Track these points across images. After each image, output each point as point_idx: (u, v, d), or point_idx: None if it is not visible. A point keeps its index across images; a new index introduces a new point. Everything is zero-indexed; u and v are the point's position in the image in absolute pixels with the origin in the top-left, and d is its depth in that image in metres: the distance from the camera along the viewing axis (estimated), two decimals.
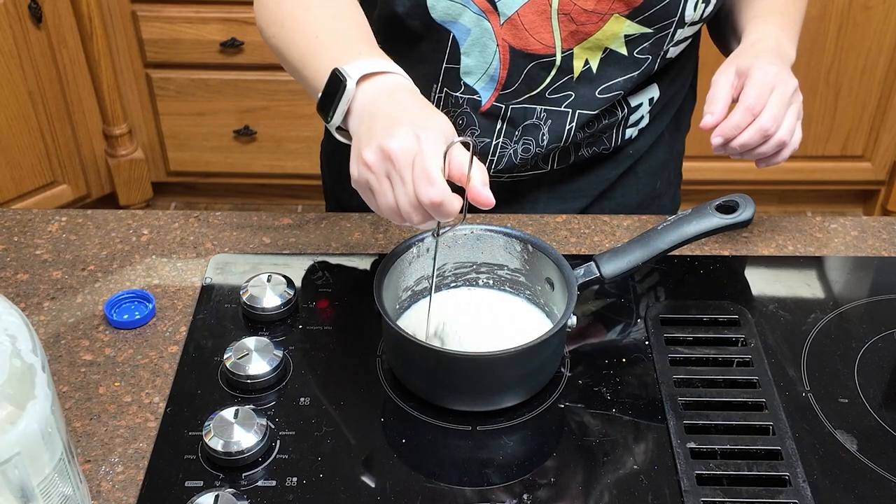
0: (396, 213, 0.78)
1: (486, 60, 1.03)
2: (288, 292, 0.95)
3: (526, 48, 1.01)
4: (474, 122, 1.08)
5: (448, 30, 1.01)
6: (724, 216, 0.92)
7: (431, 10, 0.99)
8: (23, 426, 0.63)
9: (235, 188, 2.64)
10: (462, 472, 0.81)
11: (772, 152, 0.96)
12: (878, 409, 0.88)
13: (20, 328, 0.66)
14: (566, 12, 0.99)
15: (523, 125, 1.07)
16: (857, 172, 2.51)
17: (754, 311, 0.98)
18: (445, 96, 1.07)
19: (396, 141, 0.77)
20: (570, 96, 1.05)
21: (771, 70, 0.95)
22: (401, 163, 0.76)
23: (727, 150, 0.96)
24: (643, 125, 1.14)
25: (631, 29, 1.01)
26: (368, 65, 0.84)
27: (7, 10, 2.12)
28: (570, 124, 1.07)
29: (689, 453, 0.82)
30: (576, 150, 1.11)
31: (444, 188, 0.75)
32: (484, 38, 1.01)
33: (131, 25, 2.29)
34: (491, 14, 0.99)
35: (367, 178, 0.79)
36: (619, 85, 1.05)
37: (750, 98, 0.93)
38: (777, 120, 0.94)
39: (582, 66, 1.03)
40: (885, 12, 2.24)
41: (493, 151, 1.09)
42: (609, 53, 1.03)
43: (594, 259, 0.91)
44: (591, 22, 1.00)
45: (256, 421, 0.81)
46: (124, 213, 1.11)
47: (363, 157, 0.78)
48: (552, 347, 0.86)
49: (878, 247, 1.08)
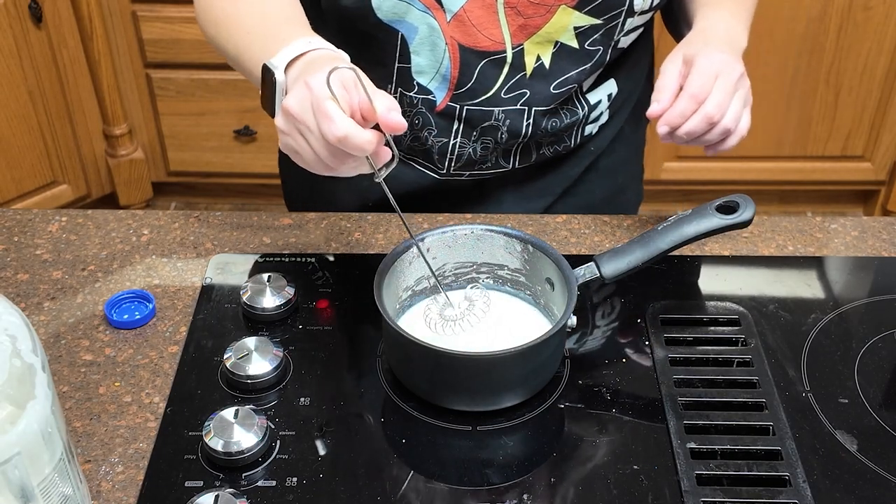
0: (322, 164, 0.81)
1: (436, 59, 1.02)
2: (288, 292, 0.95)
3: (475, 45, 1.01)
4: (430, 122, 1.07)
5: (396, 29, 1.01)
6: (725, 216, 0.92)
7: (377, 10, 0.99)
8: (23, 426, 0.63)
9: (235, 188, 2.63)
10: (462, 472, 0.81)
11: (717, 139, 0.97)
12: (878, 409, 0.88)
13: (20, 328, 0.66)
14: (513, 6, 0.99)
15: (481, 126, 1.07)
16: (858, 172, 2.51)
17: (754, 311, 0.98)
18: (401, 96, 1.07)
19: (292, 97, 0.80)
20: (525, 94, 1.05)
21: (716, 57, 0.95)
22: (300, 113, 0.79)
23: (673, 139, 0.96)
24: (603, 121, 1.14)
25: (580, 20, 1.01)
26: (291, 50, 0.86)
27: (7, 10, 2.12)
28: (528, 121, 1.07)
29: (689, 453, 0.82)
30: (537, 148, 1.12)
31: (345, 121, 0.76)
32: (433, 36, 1.00)
33: (131, 25, 2.29)
34: (437, 11, 0.98)
35: (286, 143, 0.83)
36: (573, 78, 1.05)
37: (694, 86, 0.94)
38: (722, 107, 0.94)
39: (534, 62, 1.03)
40: (885, 12, 2.24)
41: (452, 150, 1.09)
42: (560, 47, 1.03)
43: (594, 259, 0.91)
44: (539, 14, 0.99)
45: (256, 421, 0.81)
46: (124, 213, 1.11)
47: (277, 125, 0.83)
48: (552, 347, 0.86)
49: (878, 247, 1.08)
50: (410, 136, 1.09)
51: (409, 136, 1.09)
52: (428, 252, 0.93)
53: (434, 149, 1.09)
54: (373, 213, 1.11)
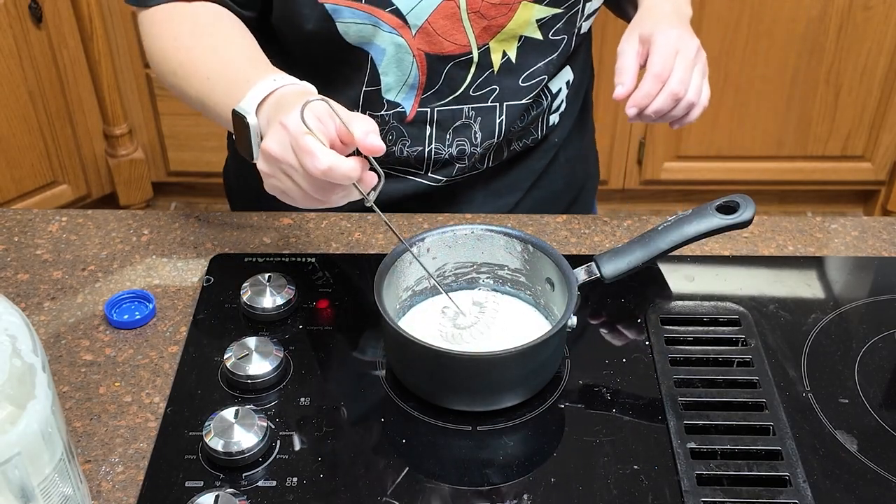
0: (311, 199, 0.82)
1: (404, 73, 1.02)
2: (288, 292, 0.95)
3: (441, 52, 1.01)
4: (403, 133, 1.07)
5: (366, 51, 1.00)
6: (725, 216, 0.92)
7: (345, 35, 0.98)
8: (23, 426, 0.63)
9: None
10: (462, 472, 0.81)
11: (683, 114, 0.99)
12: (879, 409, 0.88)
13: (20, 328, 0.66)
14: (475, 10, 0.99)
15: (454, 127, 1.07)
16: (858, 173, 2.51)
17: (754, 311, 0.98)
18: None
19: (270, 139, 0.81)
20: (495, 90, 1.05)
21: (672, 34, 0.97)
22: (281, 155, 0.80)
23: (642, 119, 0.98)
24: (563, 109, 1.15)
25: (541, 12, 1.01)
26: (258, 91, 0.85)
27: (7, 10, 2.12)
28: (501, 118, 1.07)
29: (690, 453, 0.82)
30: (508, 144, 1.12)
31: (326, 153, 0.77)
32: (399, 53, 1.00)
33: (131, 25, 2.29)
34: (402, 28, 0.98)
35: (272, 184, 0.83)
36: (541, 70, 1.06)
37: (656, 65, 0.96)
38: (684, 83, 0.96)
39: (500, 59, 1.03)
40: (885, 12, 2.24)
41: (429, 156, 1.09)
42: (525, 41, 1.03)
43: (594, 259, 0.91)
44: (501, 14, 1.00)
45: (256, 421, 0.81)
46: (124, 213, 1.11)
47: (259, 169, 0.83)
48: (552, 347, 0.86)
49: (878, 247, 1.08)
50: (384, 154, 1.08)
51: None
52: (428, 252, 0.93)
53: (411, 158, 1.09)
54: (373, 214, 1.11)
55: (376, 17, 0.97)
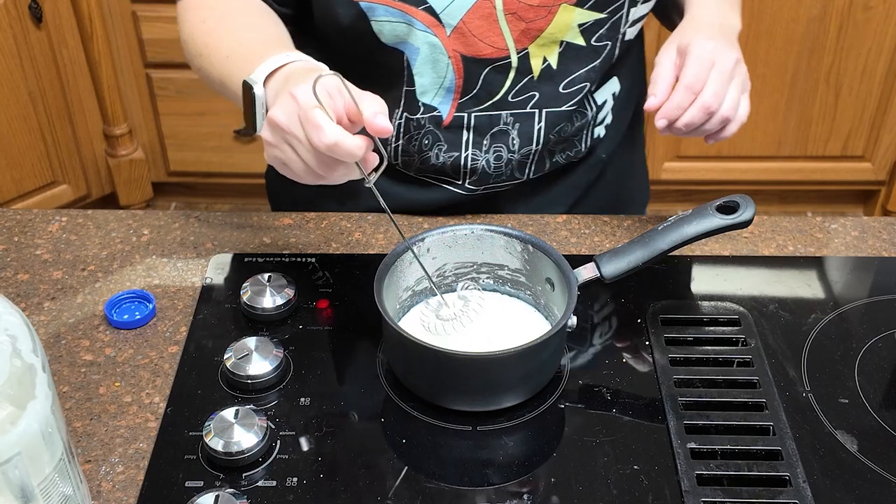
0: (312, 173, 0.81)
1: (439, 75, 1.01)
2: (288, 292, 0.95)
3: (478, 54, 0.99)
4: (439, 138, 1.06)
5: (401, 51, 1.00)
6: (725, 217, 0.92)
7: (379, 34, 0.98)
8: (23, 426, 0.63)
9: (235, 188, 2.63)
10: (462, 472, 0.81)
11: (717, 129, 0.96)
12: (878, 409, 0.88)
13: (20, 328, 0.66)
14: (512, 11, 0.97)
15: (491, 133, 1.05)
16: (858, 173, 2.51)
17: (754, 311, 0.98)
18: (406, 121, 1.05)
19: (278, 108, 0.80)
20: (535, 96, 1.04)
21: (709, 45, 0.94)
22: (287, 125, 0.79)
23: (672, 131, 0.95)
24: (609, 122, 1.13)
25: (583, 17, 0.99)
26: (269, 64, 0.86)
27: (7, 10, 2.12)
28: (539, 124, 1.05)
29: (690, 453, 0.82)
30: (550, 156, 1.10)
31: (334, 128, 0.76)
32: (434, 53, 0.99)
33: (131, 25, 2.29)
34: (436, 28, 0.97)
35: (274, 154, 0.83)
36: (583, 77, 1.04)
37: (689, 76, 0.93)
38: (719, 96, 0.93)
39: (541, 65, 1.02)
40: (885, 12, 2.24)
41: (465, 164, 1.07)
42: (566, 46, 1.01)
43: (594, 259, 0.91)
44: (540, 17, 0.98)
45: (256, 421, 0.81)
46: (124, 213, 1.11)
47: (262, 137, 0.83)
48: (552, 347, 0.86)
49: (878, 247, 1.08)
50: (420, 159, 1.08)
51: (419, 158, 1.08)
52: (428, 252, 0.93)
53: (447, 164, 1.08)
54: (373, 213, 1.11)
55: (410, 16, 0.96)
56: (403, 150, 1.08)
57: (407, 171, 1.11)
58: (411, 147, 1.07)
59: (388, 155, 1.08)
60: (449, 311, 0.90)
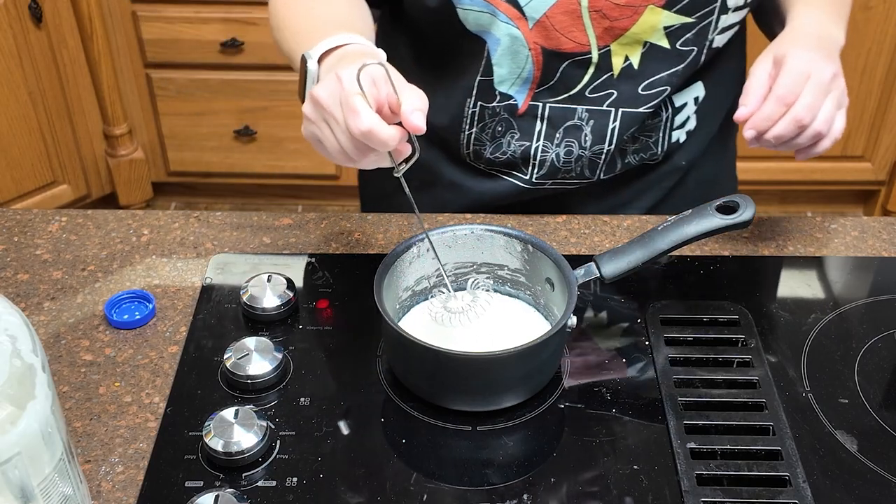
0: (344, 154, 0.82)
1: (518, 66, 1.01)
2: (288, 292, 0.95)
3: (559, 48, 0.99)
4: (513, 126, 1.06)
5: (483, 40, 1.00)
6: (725, 217, 0.92)
7: (464, 21, 0.99)
8: (23, 426, 0.63)
9: (235, 188, 2.64)
10: (462, 472, 0.81)
11: (808, 143, 0.93)
12: (878, 409, 0.88)
13: (20, 328, 0.66)
14: (597, 9, 0.97)
15: (564, 126, 1.05)
16: (858, 173, 2.51)
17: (754, 311, 0.98)
18: (480, 109, 1.06)
19: (322, 87, 0.81)
20: (612, 94, 1.03)
21: (806, 57, 0.91)
22: (329, 104, 0.80)
23: (761, 143, 0.92)
24: (690, 127, 1.10)
25: (670, 19, 0.98)
26: (328, 43, 0.87)
27: (7, 10, 2.12)
28: (614, 123, 1.04)
29: (689, 453, 0.82)
30: (622, 156, 1.08)
31: (370, 116, 0.77)
32: (515, 45, 1.00)
33: (131, 25, 2.29)
34: (519, 20, 0.98)
35: (311, 131, 0.84)
36: (664, 80, 1.02)
37: (782, 87, 0.90)
38: (812, 109, 0.90)
39: (622, 63, 1.01)
40: (885, 12, 2.24)
41: (535, 155, 1.07)
42: (650, 48, 1.00)
43: (594, 259, 0.91)
44: (625, 16, 0.97)
45: (256, 421, 0.81)
46: (124, 213, 1.11)
47: (304, 112, 0.84)
48: (552, 347, 0.86)
49: (878, 247, 1.08)
50: (492, 146, 1.08)
51: (491, 145, 1.08)
52: (428, 252, 0.93)
53: (517, 154, 1.08)
54: (373, 214, 1.11)
55: (494, 6, 0.97)
56: (476, 139, 1.09)
57: (476, 164, 1.12)
58: (484, 135, 1.08)
59: (462, 143, 1.10)
60: (457, 303, 0.90)
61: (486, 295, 0.91)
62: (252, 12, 2.27)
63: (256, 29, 2.29)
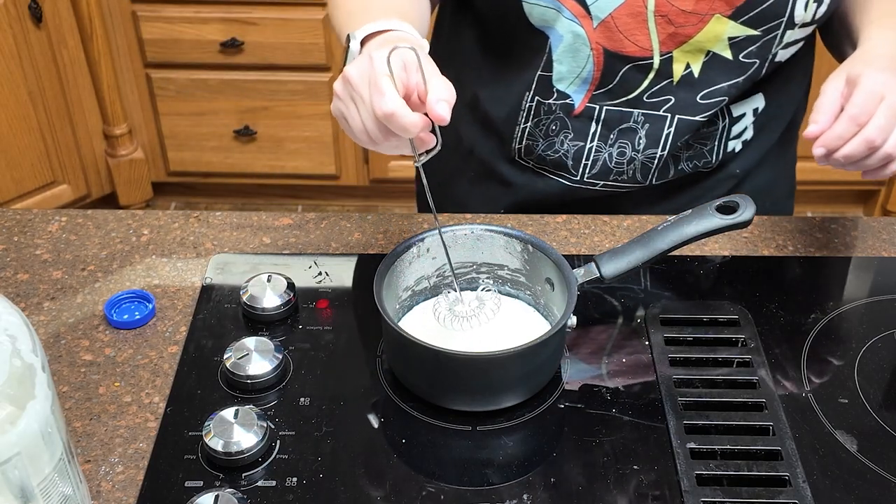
0: (366, 135, 0.83)
1: (578, 65, 1.01)
2: (288, 292, 0.95)
3: (621, 50, 0.99)
4: (567, 125, 1.06)
5: (546, 35, 1.01)
6: (725, 217, 0.92)
7: (529, 15, 0.99)
8: (23, 426, 0.63)
9: (235, 188, 2.64)
10: (462, 472, 0.81)
11: (878, 165, 0.91)
12: (878, 409, 0.88)
13: (20, 328, 0.66)
14: (663, 14, 0.96)
15: (619, 128, 1.05)
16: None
17: (754, 311, 0.98)
18: (537, 105, 1.06)
19: (353, 66, 0.82)
20: (670, 100, 1.03)
21: (880, 78, 0.89)
22: (357, 83, 0.81)
23: (830, 162, 0.91)
24: (747, 137, 1.10)
25: (735, 30, 0.98)
26: (374, 26, 0.88)
27: (7, 10, 2.12)
28: (669, 129, 1.04)
29: (689, 453, 0.82)
30: (675, 162, 1.08)
31: (396, 99, 0.77)
32: (577, 43, 1.00)
33: (131, 25, 2.29)
34: (584, 18, 0.98)
35: (338, 107, 0.85)
36: (723, 90, 1.02)
37: (855, 107, 0.88)
38: (884, 131, 0.88)
39: (683, 70, 1.01)
40: None
41: (587, 155, 1.07)
42: (712, 57, 1.00)
43: (594, 259, 0.91)
44: (691, 24, 0.97)
45: (256, 421, 0.81)
46: (124, 213, 1.11)
47: (334, 89, 0.85)
48: (552, 347, 0.86)
49: (878, 247, 1.08)
50: (545, 144, 1.08)
51: (543, 143, 1.08)
52: (428, 252, 0.93)
53: (569, 154, 1.08)
54: (373, 214, 1.11)
55: (560, 3, 0.97)
56: (529, 134, 1.09)
57: (526, 161, 1.12)
58: (538, 131, 1.08)
59: (515, 136, 1.10)
60: (464, 307, 0.90)
61: (493, 300, 0.90)
62: (252, 12, 2.27)
63: (256, 29, 2.29)
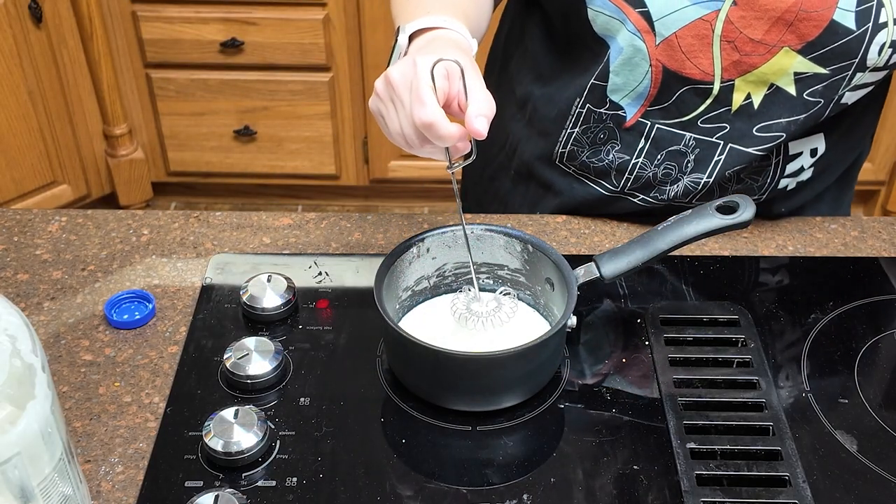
0: (402, 138, 0.83)
1: (635, 79, 1.00)
2: (288, 292, 0.95)
3: (681, 71, 0.97)
4: (616, 137, 1.04)
5: (607, 44, 0.99)
6: (725, 217, 0.92)
7: (592, 22, 0.98)
8: (23, 426, 0.63)
9: (235, 188, 2.64)
10: (462, 472, 0.81)
11: None
12: (878, 409, 0.88)
13: (20, 328, 0.66)
14: (730, 40, 0.94)
15: (668, 149, 1.03)
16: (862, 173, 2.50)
17: (754, 311, 0.98)
18: (587, 112, 1.04)
19: (397, 69, 0.82)
20: (725, 128, 1.00)
21: None
22: (399, 87, 0.81)
23: None
24: (803, 178, 1.07)
25: (802, 66, 0.95)
26: (424, 21, 0.88)
27: (7, 10, 2.12)
28: (720, 157, 1.02)
29: (689, 453, 0.82)
30: (721, 191, 1.05)
31: (435, 109, 0.78)
32: (636, 58, 0.98)
33: (131, 25, 2.29)
34: (647, 34, 0.96)
35: (377, 106, 0.85)
36: (782, 126, 0.99)
37: None
38: None
39: (742, 100, 0.98)
40: None
41: (631, 170, 1.05)
42: (775, 90, 0.97)
43: (594, 259, 0.91)
44: (758, 53, 0.94)
45: (256, 421, 0.81)
46: (124, 213, 1.11)
47: (375, 87, 0.84)
48: (552, 347, 0.86)
49: (878, 247, 1.08)
50: (590, 151, 1.07)
51: (589, 150, 1.07)
52: (428, 252, 0.93)
53: (613, 164, 1.06)
54: (373, 214, 1.11)
55: (624, 14, 0.96)
56: (576, 140, 1.07)
57: (567, 166, 1.10)
58: (585, 138, 1.06)
59: (560, 140, 1.09)
60: (481, 307, 0.90)
61: (510, 303, 0.90)
62: (252, 12, 2.27)
63: (256, 29, 2.29)
